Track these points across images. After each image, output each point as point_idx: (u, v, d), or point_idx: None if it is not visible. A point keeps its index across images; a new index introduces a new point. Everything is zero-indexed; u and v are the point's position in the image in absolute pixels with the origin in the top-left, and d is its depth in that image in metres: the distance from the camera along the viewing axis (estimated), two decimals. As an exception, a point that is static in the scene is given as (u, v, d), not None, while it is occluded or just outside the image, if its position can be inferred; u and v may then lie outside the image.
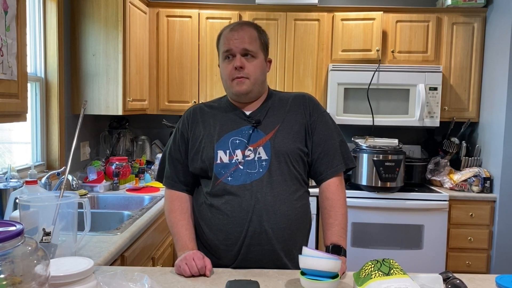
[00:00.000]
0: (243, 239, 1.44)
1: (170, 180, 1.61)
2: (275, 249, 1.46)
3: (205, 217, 1.52)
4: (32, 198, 1.42)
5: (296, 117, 1.54)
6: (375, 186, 3.10)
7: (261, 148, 1.48)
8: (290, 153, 1.49)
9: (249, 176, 1.46)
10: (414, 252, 3.10)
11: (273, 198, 1.45)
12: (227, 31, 1.52)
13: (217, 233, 1.48)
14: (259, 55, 1.52)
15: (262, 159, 1.48)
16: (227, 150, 1.49)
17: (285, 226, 1.46)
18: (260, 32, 1.55)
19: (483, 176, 3.17)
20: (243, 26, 1.52)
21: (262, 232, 1.44)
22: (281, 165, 1.48)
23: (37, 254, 0.91)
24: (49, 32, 2.68)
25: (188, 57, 3.40)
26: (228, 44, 1.49)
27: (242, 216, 1.44)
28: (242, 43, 1.48)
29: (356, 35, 3.33)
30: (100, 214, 2.45)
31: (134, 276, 1.18)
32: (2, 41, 1.53)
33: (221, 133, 1.52)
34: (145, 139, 3.64)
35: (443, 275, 1.29)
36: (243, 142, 1.49)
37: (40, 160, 2.69)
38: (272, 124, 1.52)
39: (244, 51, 1.49)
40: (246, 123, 1.53)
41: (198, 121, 1.57)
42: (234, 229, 1.45)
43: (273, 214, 1.44)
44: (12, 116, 1.68)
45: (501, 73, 3.10)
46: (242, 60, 1.48)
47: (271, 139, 1.49)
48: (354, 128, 3.45)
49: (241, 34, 1.49)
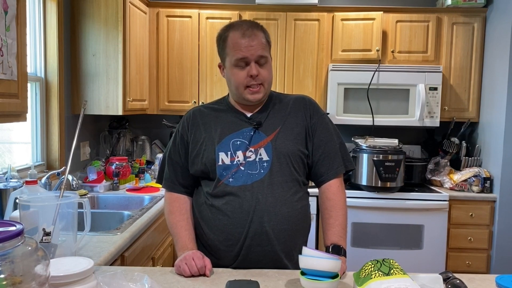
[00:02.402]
0: (244, 239, 1.45)
1: (170, 182, 1.61)
2: (276, 250, 1.46)
3: (205, 218, 1.52)
4: (32, 198, 1.42)
5: (296, 119, 1.55)
6: (375, 186, 3.10)
7: (262, 149, 1.49)
8: (291, 155, 1.50)
9: (250, 177, 1.46)
10: (414, 252, 3.10)
11: (274, 199, 1.45)
12: (238, 36, 1.47)
13: (218, 233, 1.48)
14: (269, 59, 1.52)
15: (264, 160, 1.48)
16: (228, 152, 1.49)
17: (286, 227, 1.46)
18: (265, 32, 1.54)
19: (483, 176, 3.17)
20: (253, 30, 1.48)
21: (262, 233, 1.44)
22: (282, 166, 1.49)
23: (37, 254, 0.91)
24: (49, 32, 2.68)
25: (188, 57, 3.40)
26: (243, 52, 1.46)
27: (243, 217, 1.44)
28: (257, 50, 1.46)
29: (356, 35, 3.33)
30: (100, 214, 2.44)
31: (134, 276, 1.17)
32: (2, 41, 1.53)
33: (222, 135, 1.52)
34: (145, 139, 3.64)
35: (443, 275, 1.29)
36: (244, 143, 1.50)
37: (40, 160, 2.69)
38: (273, 126, 1.52)
39: (259, 58, 1.47)
40: (247, 125, 1.53)
41: (198, 124, 1.57)
42: (234, 229, 1.45)
43: (274, 215, 1.44)
44: (12, 116, 1.68)
45: (501, 73, 3.10)
46: (257, 67, 1.47)
47: (273, 140, 1.50)
48: (354, 128, 3.44)
49: (254, 40, 1.46)
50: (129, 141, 3.55)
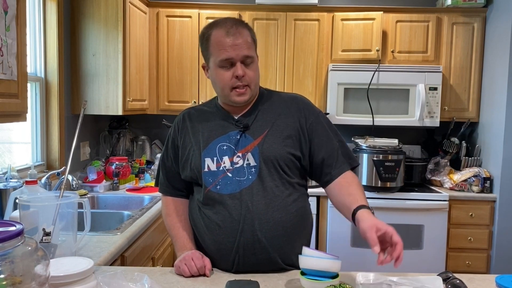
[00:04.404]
0: (236, 249, 1.40)
1: (164, 186, 1.60)
2: (271, 258, 1.41)
3: (198, 226, 1.49)
4: (32, 198, 1.42)
5: (287, 121, 1.47)
6: (375, 186, 3.10)
7: (249, 154, 1.42)
8: (280, 158, 1.42)
9: (238, 184, 1.40)
10: (414, 252, 3.10)
11: (265, 206, 1.39)
12: (222, 34, 1.39)
13: (211, 243, 1.45)
14: (255, 58, 1.46)
15: (251, 165, 1.41)
16: (214, 157, 1.43)
17: (280, 233, 1.41)
18: (250, 30, 1.45)
19: (483, 176, 3.17)
20: (238, 28, 1.40)
21: (255, 241, 1.39)
22: (271, 171, 1.42)
23: (37, 254, 0.91)
24: (49, 32, 2.67)
25: (188, 57, 3.40)
26: (228, 52, 1.38)
27: (233, 227, 1.39)
28: (242, 49, 1.39)
29: (356, 35, 3.33)
30: (100, 214, 2.44)
31: (134, 276, 1.17)
32: (2, 41, 1.53)
33: (208, 139, 1.46)
34: (145, 139, 3.64)
35: (443, 275, 1.29)
36: (231, 148, 1.43)
37: (40, 160, 2.69)
38: (261, 129, 1.45)
39: (244, 58, 1.40)
40: (233, 128, 1.46)
41: (187, 127, 1.53)
42: (226, 239, 1.41)
43: (265, 223, 1.39)
44: (12, 116, 1.68)
45: (501, 73, 3.10)
46: (243, 68, 1.40)
47: (259, 144, 1.42)
48: (354, 128, 3.44)
49: (239, 39, 1.38)
50: (129, 141, 3.55)
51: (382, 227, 1.22)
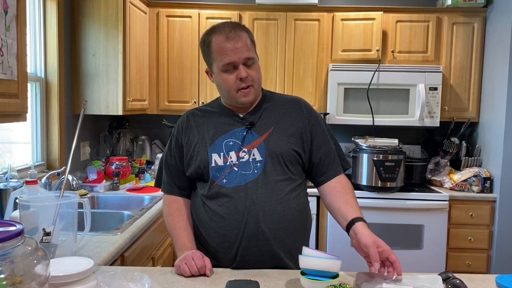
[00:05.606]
0: (240, 241, 1.44)
1: (168, 186, 1.62)
2: (273, 250, 1.45)
3: (202, 220, 1.52)
4: (32, 198, 1.42)
5: (291, 120, 1.54)
6: (375, 186, 3.10)
7: (255, 150, 1.48)
8: (285, 154, 1.49)
9: (243, 177, 1.46)
10: (414, 252, 3.10)
11: (268, 199, 1.45)
12: (222, 39, 1.45)
13: (214, 236, 1.48)
14: (256, 59, 1.51)
15: (257, 160, 1.47)
16: (221, 153, 1.49)
17: (282, 226, 1.46)
18: (248, 32, 1.51)
19: (483, 176, 3.17)
20: (237, 32, 1.46)
21: (259, 233, 1.43)
22: (276, 166, 1.48)
23: (37, 254, 0.91)
24: (49, 32, 2.68)
25: (188, 57, 3.40)
26: (229, 56, 1.43)
27: (238, 218, 1.44)
28: (243, 52, 1.44)
29: (356, 35, 3.33)
30: (100, 214, 2.45)
31: (134, 276, 1.18)
32: (2, 41, 1.53)
33: (214, 136, 1.51)
34: (145, 139, 3.64)
35: (443, 275, 1.29)
36: (237, 144, 1.49)
37: (40, 160, 2.69)
38: (266, 126, 1.52)
39: (246, 60, 1.46)
40: (239, 125, 1.52)
41: (192, 126, 1.57)
42: (230, 231, 1.45)
43: (269, 215, 1.44)
44: (12, 116, 1.68)
45: (501, 73, 3.10)
46: (245, 69, 1.45)
47: (265, 140, 1.49)
48: (354, 128, 3.45)
49: (239, 42, 1.44)
50: (129, 141, 3.55)
51: (381, 244, 1.33)
